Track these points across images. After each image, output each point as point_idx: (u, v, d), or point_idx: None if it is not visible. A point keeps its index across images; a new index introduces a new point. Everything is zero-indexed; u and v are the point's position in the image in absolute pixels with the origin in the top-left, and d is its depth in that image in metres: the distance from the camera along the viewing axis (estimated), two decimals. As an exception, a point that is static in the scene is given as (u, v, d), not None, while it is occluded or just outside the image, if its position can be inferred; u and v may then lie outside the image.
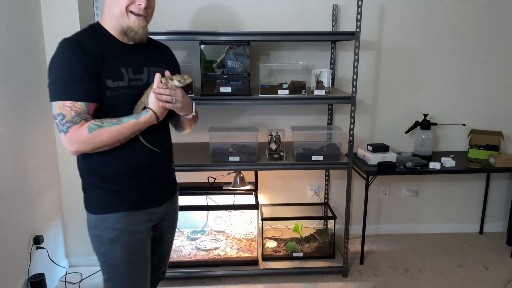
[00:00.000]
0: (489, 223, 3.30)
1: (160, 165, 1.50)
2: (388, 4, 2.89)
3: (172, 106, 1.39)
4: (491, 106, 3.10)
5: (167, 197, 1.57)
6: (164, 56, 1.56)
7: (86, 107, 1.29)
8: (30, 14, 2.32)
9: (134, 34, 1.37)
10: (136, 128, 1.35)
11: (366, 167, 2.72)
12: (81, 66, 1.27)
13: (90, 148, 1.32)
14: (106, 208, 1.42)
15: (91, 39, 1.34)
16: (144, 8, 1.36)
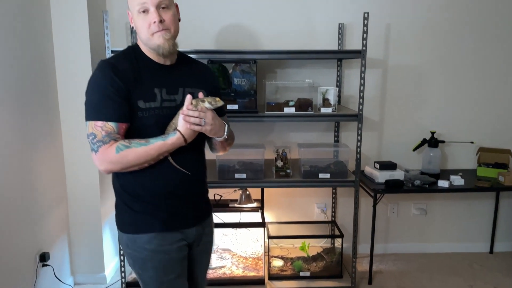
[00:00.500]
0: (499, 243, 3.24)
1: (191, 186, 1.47)
2: (394, 22, 2.91)
3: (200, 128, 1.35)
4: (499, 124, 3.08)
5: (198, 219, 1.52)
6: (202, 76, 1.52)
7: (116, 127, 1.31)
8: (42, 34, 2.37)
9: (163, 50, 1.35)
10: (163, 149, 1.33)
11: (374, 185, 2.70)
12: (113, 87, 1.30)
13: (118, 168, 1.33)
14: (137, 228, 1.42)
15: (126, 61, 1.37)
16: (160, 22, 1.33)
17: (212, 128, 1.37)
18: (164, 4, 1.34)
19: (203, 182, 1.55)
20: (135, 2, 1.34)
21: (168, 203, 1.42)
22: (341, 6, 2.87)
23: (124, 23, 2.82)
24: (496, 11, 2.93)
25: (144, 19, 1.34)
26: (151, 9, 1.32)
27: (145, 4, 1.32)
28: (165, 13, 1.35)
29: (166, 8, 1.35)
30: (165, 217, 1.42)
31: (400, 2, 2.89)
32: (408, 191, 2.67)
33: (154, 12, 1.32)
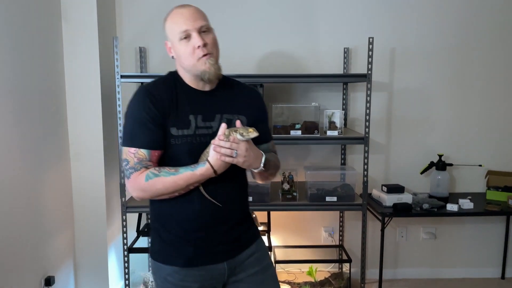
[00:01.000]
0: (511, 268, 3.16)
1: (223, 219, 1.39)
2: (399, 46, 2.94)
3: (232, 160, 1.27)
4: (508, 147, 3.06)
5: (229, 255, 1.41)
6: (245, 102, 1.45)
7: (149, 154, 1.30)
8: (53, 58, 2.42)
9: (209, 75, 1.33)
10: (192, 180, 1.28)
11: (382, 208, 2.67)
12: (147, 114, 1.30)
13: (148, 195, 1.32)
14: (161, 258, 1.40)
15: (165, 87, 1.36)
16: (204, 46, 1.31)
17: (246, 160, 1.28)
18: (205, 27, 1.33)
19: (238, 215, 1.45)
20: (176, 30, 1.33)
21: (196, 236, 1.37)
22: (346, 31, 2.91)
23: (133, 48, 2.88)
24: (502, 32, 2.96)
25: (186, 46, 1.32)
26: (193, 33, 1.31)
27: (187, 31, 1.31)
28: (206, 36, 1.33)
29: (207, 32, 1.34)
30: (190, 253, 1.37)
31: (404, 27, 2.93)
32: (416, 214, 2.64)
33: (197, 37, 1.31)
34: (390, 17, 2.93)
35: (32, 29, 2.21)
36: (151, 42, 2.90)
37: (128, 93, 2.87)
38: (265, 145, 1.47)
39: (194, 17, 1.33)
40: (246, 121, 1.39)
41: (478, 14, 2.94)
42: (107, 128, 2.65)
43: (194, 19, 1.32)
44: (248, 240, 1.47)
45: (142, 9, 2.86)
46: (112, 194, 2.73)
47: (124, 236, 2.51)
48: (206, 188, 1.33)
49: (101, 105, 2.55)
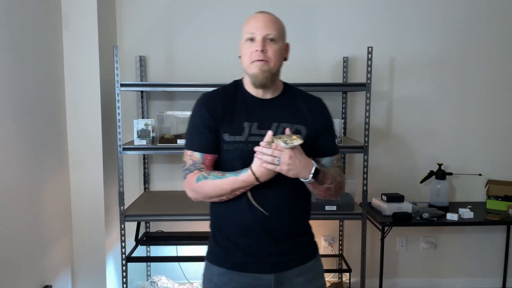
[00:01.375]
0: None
1: (271, 229, 1.36)
2: (398, 55, 2.95)
3: (274, 168, 1.25)
4: (508, 156, 3.06)
5: (277, 268, 1.37)
6: (307, 112, 1.42)
7: (202, 157, 1.36)
8: (53, 67, 2.43)
9: (255, 80, 1.35)
10: (236, 185, 1.30)
11: (381, 217, 2.66)
12: (201, 120, 1.37)
13: (200, 197, 1.37)
14: (211, 258, 1.43)
15: (223, 94, 1.41)
16: (262, 52, 1.33)
17: (290, 168, 1.25)
18: (272, 36, 1.34)
19: (294, 226, 1.40)
20: (245, 30, 1.38)
21: (245, 242, 1.36)
22: (345, 40, 2.93)
23: (134, 56, 2.89)
24: (502, 42, 2.97)
25: (248, 47, 1.35)
26: (258, 38, 1.33)
27: (253, 34, 1.34)
28: (270, 45, 1.35)
29: (273, 41, 1.35)
30: (238, 257, 1.37)
31: (403, 36, 2.95)
32: (416, 224, 2.63)
33: (259, 41, 1.33)
34: (389, 27, 2.94)
35: (33, 38, 2.22)
36: (151, 51, 2.91)
37: (128, 102, 2.91)
38: (327, 159, 1.44)
39: (266, 24, 1.35)
40: (305, 132, 1.38)
41: (478, 24, 2.96)
42: (107, 137, 2.65)
43: (265, 26, 1.35)
44: (301, 256, 1.42)
45: (143, 18, 2.88)
46: (111, 202, 2.72)
47: (123, 245, 2.49)
48: (254, 194, 1.33)
49: (100, 114, 2.56)
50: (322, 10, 2.93)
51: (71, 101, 2.55)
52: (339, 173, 1.43)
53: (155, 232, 2.97)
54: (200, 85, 2.47)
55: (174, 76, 2.90)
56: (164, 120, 2.62)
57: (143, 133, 2.49)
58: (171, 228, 2.98)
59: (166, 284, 2.81)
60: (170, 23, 2.89)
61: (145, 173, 2.97)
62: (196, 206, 2.55)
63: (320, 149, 1.42)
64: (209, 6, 2.88)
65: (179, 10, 2.88)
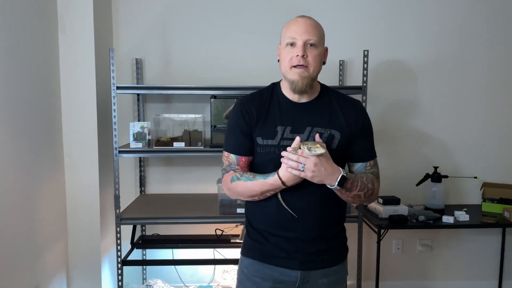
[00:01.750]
0: (508, 281, 3.15)
1: (299, 230, 1.40)
2: (394, 59, 2.97)
3: (299, 173, 1.28)
4: (503, 159, 3.07)
5: (304, 266, 1.41)
6: (343, 117, 1.42)
7: (236, 159, 1.43)
8: (49, 69, 2.42)
9: (296, 87, 1.36)
10: (265, 188, 1.35)
11: (377, 220, 2.66)
12: (236, 123, 1.43)
13: (234, 196, 1.44)
14: (244, 250, 1.50)
15: (258, 99, 1.45)
16: (302, 58, 1.34)
17: (315, 175, 1.28)
18: (313, 41, 1.36)
19: (322, 229, 1.43)
20: (286, 34, 1.38)
21: (275, 236, 1.42)
22: (341, 44, 2.94)
23: (130, 59, 2.89)
24: (497, 45, 2.99)
25: (289, 52, 1.36)
26: (299, 43, 1.35)
27: (294, 39, 1.35)
28: (310, 50, 1.36)
29: (313, 46, 1.36)
30: (268, 250, 1.43)
31: (399, 40, 2.96)
32: (412, 226, 2.64)
33: (300, 46, 1.34)
34: (386, 30, 2.96)
35: (28, 41, 2.21)
36: (148, 54, 2.90)
37: (124, 104, 2.90)
38: (360, 164, 1.46)
39: (307, 29, 1.36)
40: (339, 137, 1.39)
41: (473, 28, 2.98)
42: (103, 140, 2.64)
43: (306, 31, 1.35)
44: (328, 259, 1.47)
45: (139, 20, 2.88)
46: (106, 205, 2.71)
47: (118, 248, 2.48)
48: (285, 196, 1.38)
49: (96, 116, 2.55)
50: (319, 13, 2.91)
51: (67, 103, 2.54)
52: (371, 180, 1.42)
53: (151, 235, 2.96)
54: (197, 88, 2.47)
55: (170, 79, 2.90)
56: (160, 123, 2.62)
57: (139, 136, 2.48)
58: (167, 231, 2.97)
59: (162, 287, 2.80)
60: (166, 26, 2.89)
61: (141, 176, 2.96)
62: (192, 209, 2.55)
63: (354, 154, 1.45)
64: (205, 9, 2.88)
65: (176, 13, 2.89)
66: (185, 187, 2.95)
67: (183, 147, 2.49)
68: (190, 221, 2.48)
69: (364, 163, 1.46)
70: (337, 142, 1.39)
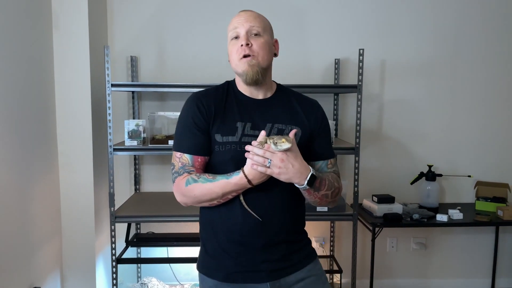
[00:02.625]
0: (501, 279, 3.17)
1: (266, 234, 1.30)
2: (389, 58, 2.97)
3: (265, 170, 1.19)
4: (497, 158, 3.09)
5: (273, 276, 1.31)
6: (303, 114, 1.37)
7: (191, 159, 1.30)
8: (43, 67, 2.41)
9: (246, 77, 1.30)
10: (228, 189, 1.23)
11: (372, 218, 2.67)
12: (192, 120, 1.30)
13: (189, 201, 1.30)
14: (204, 270, 1.37)
15: (215, 94, 1.36)
16: (247, 46, 1.29)
17: (281, 172, 1.19)
18: (256, 30, 1.31)
19: (289, 230, 1.35)
20: (229, 29, 1.34)
21: (237, 249, 1.31)
22: (337, 42, 2.94)
23: (125, 57, 2.88)
24: (492, 45, 3.00)
25: (234, 44, 1.32)
26: (241, 32, 1.30)
27: (236, 29, 1.31)
28: (255, 39, 1.31)
29: (257, 35, 1.31)
30: (230, 267, 1.31)
31: (394, 39, 2.97)
32: (406, 225, 2.65)
33: (244, 36, 1.30)
34: (381, 29, 2.96)
35: (22, 37, 2.19)
36: (143, 51, 2.89)
37: (119, 102, 2.89)
38: (321, 163, 1.38)
39: (248, 19, 1.31)
40: (300, 133, 1.33)
41: (467, 26, 2.99)
42: (97, 137, 2.63)
43: (247, 20, 1.31)
44: (298, 261, 1.37)
45: (134, 18, 2.86)
46: (101, 203, 2.70)
47: (113, 246, 2.48)
48: (247, 198, 1.27)
49: (91, 114, 2.54)
50: (314, 12, 2.94)
51: (61, 101, 2.52)
52: (336, 179, 1.36)
53: (146, 234, 2.95)
54: (192, 86, 2.46)
55: (166, 76, 2.89)
56: (155, 121, 2.61)
57: (134, 134, 2.47)
58: (162, 229, 2.96)
59: (156, 285, 2.79)
60: (161, 24, 2.88)
61: (135, 174, 2.95)
62: (187, 208, 2.54)
63: (315, 152, 1.37)
64: (200, 7, 2.87)
65: (171, 10, 2.87)
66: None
67: (178, 145, 2.47)
68: (185, 219, 2.48)
69: (326, 161, 1.39)
70: (298, 138, 1.32)
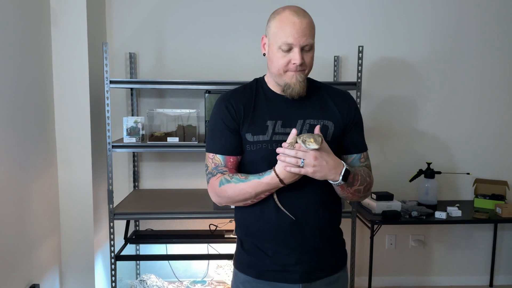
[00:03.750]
0: (499, 276, 3.18)
1: (300, 235, 1.28)
2: (389, 55, 2.97)
3: (299, 170, 1.17)
4: (495, 155, 3.10)
5: (306, 278, 1.30)
6: (334, 108, 1.34)
7: (224, 160, 1.31)
8: (41, 63, 2.40)
9: (291, 91, 1.27)
10: (260, 188, 1.23)
11: (371, 216, 2.67)
12: (223, 121, 1.30)
13: (224, 201, 1.30)
14: (239, 265, 1.38)
15: (244, 94, 1.34)
16: (300, 65, 1.25)
17: (316, 170, 1.17)
18: (309, 46, 1.25)
19: (324, 232, 1.34)
20: (280, 38, 1.24)
21: (272, 248, 1.30)
22: (336, 40, 2.94)
23: (123, 53, 2.87)
24: (490, 42, 3.00)
25: (283, 56, 1.25)
26: (296, 49, 1.23)
27: (291, 45, 1.23)
28: (307, 55, 1.26)
29: (309, 51, 1.27)
30: (265, 265, 1.31)
31: (394, 36, 2.96)
32: (405, 222, 2.65)
33: (298, 54, 1.23)
34: (380, 27, 2.96)
35: (20, 34, 2.18)
36: (141, 48, 2.88)
37: (117, 99, 2.88)
38: (355, 156, 1.37)
39: (304, 33, 1.23)
40: (333, 128, 1.31)
41: (467, 25, 2.99)
42: (96, 134, 2.62)
43: (303, 35, 1.23)
44: (331, 266, 1.36)
45: (133, 14, 2.85)
46: (99, 200, 2.70)
47: (112, 243, 2.47)
48: (281, 197, 1.26)
49: (89, 111, 2.53)
50: (314, 9, 2.91)
51: (59, 98, 2.52)
52: (367, 173, 1.35)
53: (145, 231, 2.95)
54: (191, 83, 2.46)
55: (164, 73, 2.89)
56: (154, 118, 2.61)
57: (132, 131, 2.47)
58: (161, 226, 2.96)
59: (155, 282, 2.79)
60: (160, 20, 2.87)
61: (134, 171, 2.95)
62: (186, 205, 2.55)
63: (348, 145, 1.35)
64: (199, 4, 2.86)
65: (170, 6, 2.86)
66: (179, 183, 2.94)
67: (177, 142, 2.48)
68: (184, 216, 2.48)
69: (359, 155, 1.38)
70: (332, 133, 1.30)
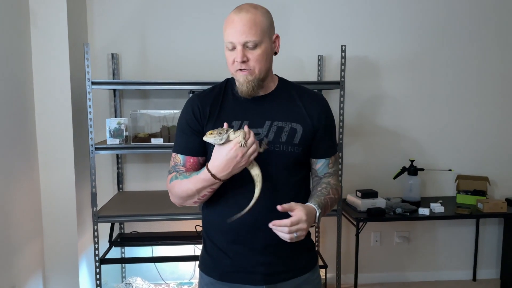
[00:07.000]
0: (482, 270, 3.24)
1: (263, 235, 1.24)
2: (371, 54, 3.00)
3: (296, 238, 1.15)
4: (476, 152, 3.15)
5: (270, 279, 1.28)
6: (305, 110, 1.32)
7: (183, 160, 1.31)
8: (21, 65, 2.35)
9: (241, 90, 1.26)
10: (199, 184, 1.20)
11: (356, 213, 2.70)
12: (187, 121, 1.31)
13: (176, 200, 1.30)
14: (203, 267, 1.38)
15: (211, 94, 1.33)
16: (243, 62, 1.23)
17: (304, 233, 1.16)
18: (252, 42, 1.22)
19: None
20: (225, 37, 1.26)
21: (234, 249, 1.28)
22: (320, 39, 2.95)
23: (106, 54, 2.83)
24: (472, 41, 3.05)
25: (230, 55, 1.26)
26: (238, 47, 1.23)
27: (232, 43, 1.23)
28: (251, 52, 1.24)
29: (254, 47, 1.24)
30: (227, 267, 1.30)
31: (376, 36, 2.99)
32: (389, 219, 2.68)
33: (240, 51, 1.22)
34: (363, 26, 2.98)
35: (-2, 34, 2.14)
36: (124, 49, 2.85)
37: (100, 100, 2.84)
38: (324, 161, 1.35)
39: (243, 30, 1.22)
40: (301, 131, 1.29)
41: (449, 23, 3.03)
42: (78, 136, 2.59)
43: (242, 32, 1.22)
44: (297, 268, 1.32)
45: (115, 14, 2.82)
46: (83, 203, 2.66)
47: (96, 246, 2.44)
48: (245, 196, 1.23)
49: (71, 113, 2.49)
50: (297, 8, 2.94)
51: (40, 100, 2.47)
52: (335, 189, 1.33)
53: (130, 233, 2.92)
54: (174, 83, 2.45)
55: (148, 74, 2.86)
56: (137, 119, 2.58)
57: (116, 132, 2.44)
58: (146, 228, 2.94)
59: (141, 285, 2.77)
60: (143, 20, 2.85)
61: (118, 173, 2.92)
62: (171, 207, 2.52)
63: (318, 150, 1.34)
64: (182, 3, 2.84)
65: (152, 7, 2.84)
66: (164, 184, 2.91)
67: (161, 143, 2.46)
68: (169, 218, 2.46)
69: (327, 159, 1.36)
70: (300, 136, 1.28)
